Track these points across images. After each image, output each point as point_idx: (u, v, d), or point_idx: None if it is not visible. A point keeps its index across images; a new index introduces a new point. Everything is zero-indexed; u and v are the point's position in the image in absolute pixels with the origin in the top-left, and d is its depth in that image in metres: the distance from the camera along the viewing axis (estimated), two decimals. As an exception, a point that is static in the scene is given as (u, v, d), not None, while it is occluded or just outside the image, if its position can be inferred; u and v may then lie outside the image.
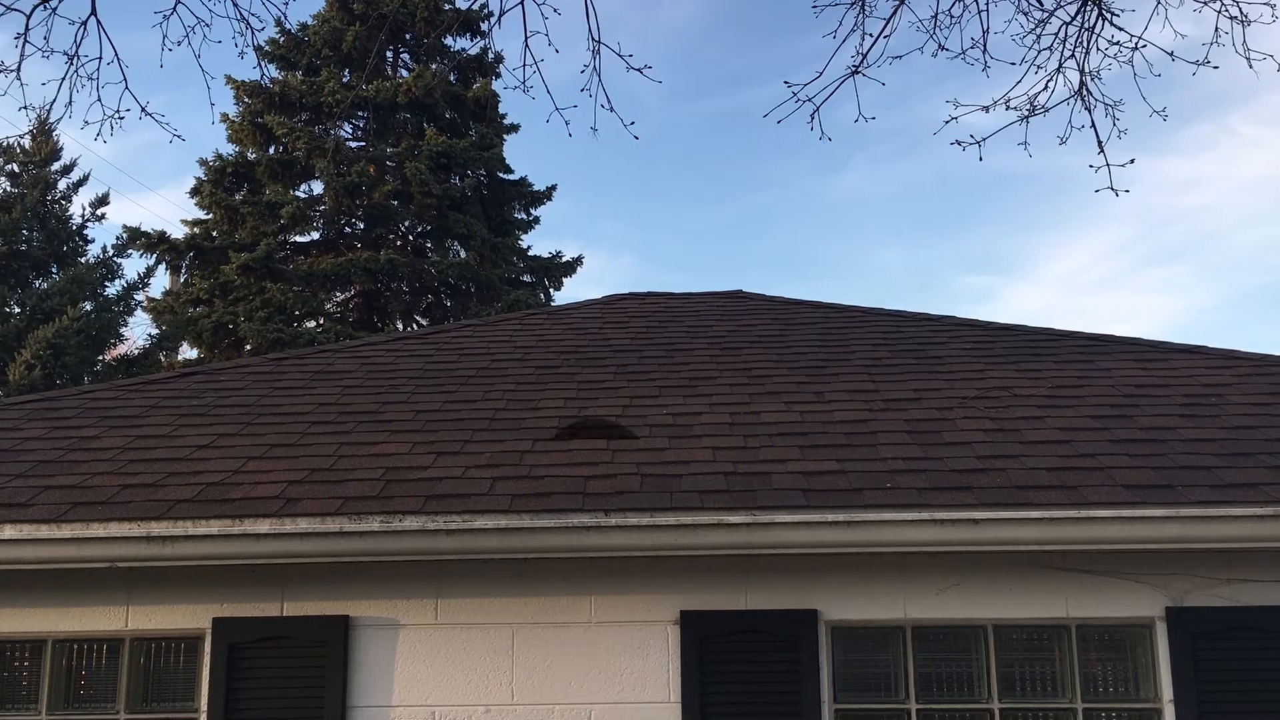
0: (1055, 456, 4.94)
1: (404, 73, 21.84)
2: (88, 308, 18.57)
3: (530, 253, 22.22)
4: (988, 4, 6.62)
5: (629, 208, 48.06)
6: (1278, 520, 4.35)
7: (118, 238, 20.00)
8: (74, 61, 5.84)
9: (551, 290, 22.15)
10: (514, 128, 22.08)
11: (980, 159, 6.60)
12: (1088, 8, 6.02)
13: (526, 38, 4.86)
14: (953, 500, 4.47)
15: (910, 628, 4.70)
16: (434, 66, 21.26)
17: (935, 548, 4.46)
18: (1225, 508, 4.39)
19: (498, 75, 21.40)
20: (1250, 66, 6.57)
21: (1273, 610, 4.62)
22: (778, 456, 5.00)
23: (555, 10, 5.54)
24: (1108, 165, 6.48)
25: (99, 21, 5.73)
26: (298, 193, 20.98)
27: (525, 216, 22.37)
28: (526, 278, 21.87)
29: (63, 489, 4.83)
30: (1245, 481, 4.62)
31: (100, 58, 5.72)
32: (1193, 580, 4.66)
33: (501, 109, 21.89)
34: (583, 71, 5.04)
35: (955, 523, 4.38)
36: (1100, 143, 6.42)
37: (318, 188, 21.06)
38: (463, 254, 21.33)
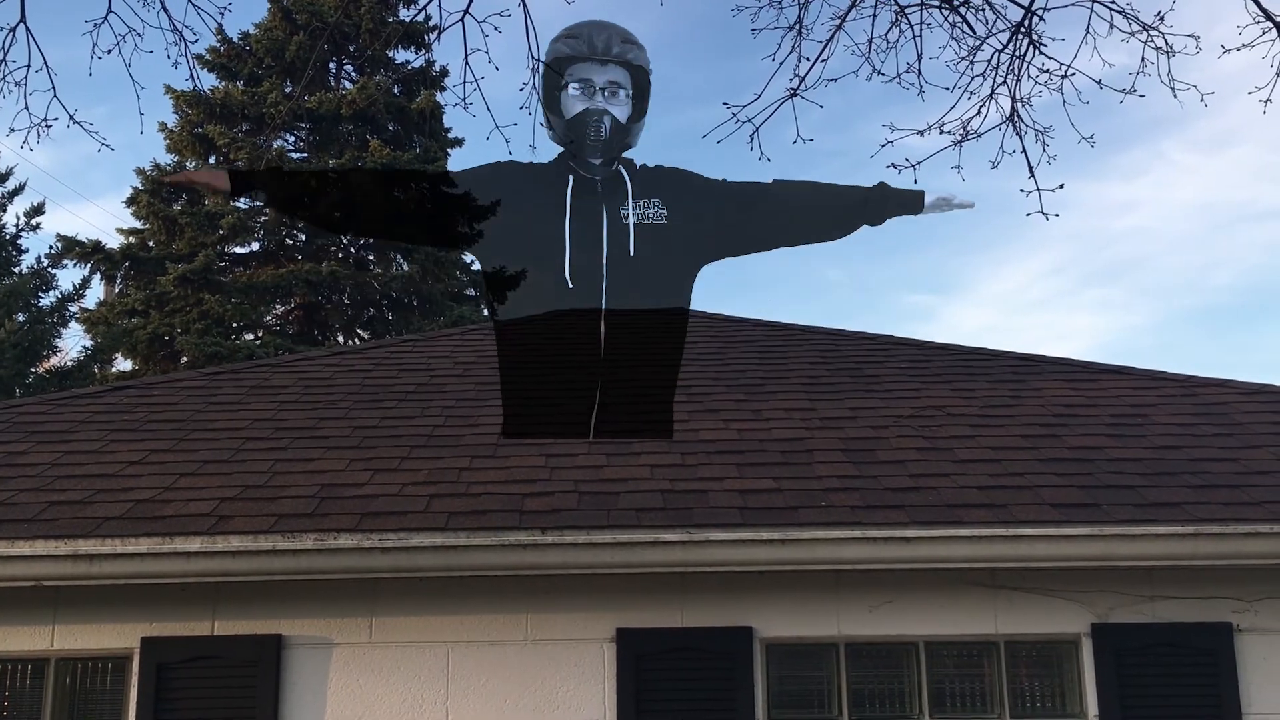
0: (986, 475, 5.03)
1: (347, 84, 21.70)
2: (21, 319, 18.16)
3: (474, 266, 22.15)
4: (922, 30, 6.76)
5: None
6: (1198, 539, 4.47)
7: (51, 247, 19.60)
8: (1, 67, 5.73)
9: (496, 304, 22.05)
10: (458, 141, 22.01)
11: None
12: (1019, 36, 6.16)
13: (466, 55, 4.86)
14: (886, 519, 4.54)
15: (844, 644, 4.76)
16: (377, 78, 21.14)
17: (868, 565, 4.52)
18: (1148, 526, 4.50)
19: (442, 88, 21.35)
20: (1175, 96, 6.76)
21: (1193, 627, 4.75)
22: (715, 474, 5.04)
23: (496, 29, 5.54)
24: (1038, 190, 6.63)
25: (28, 29, 5.64)
26: (238, 203, 20.72)
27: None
28: (470, 292, 21.78)
29: (-13, 506, 4.73)
30: (1168, 501, 4.74)
31: (29, 65, 5.61)
32: (1117, 597, 4.77)
33: (446, 122, 21.82)
34: (521, 89, 5.05)
35: (888, 540, 4.45)
36: (1031, 168, 6.56)
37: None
38: (405, 267, 21.19)
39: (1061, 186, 6.70)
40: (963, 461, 5.22)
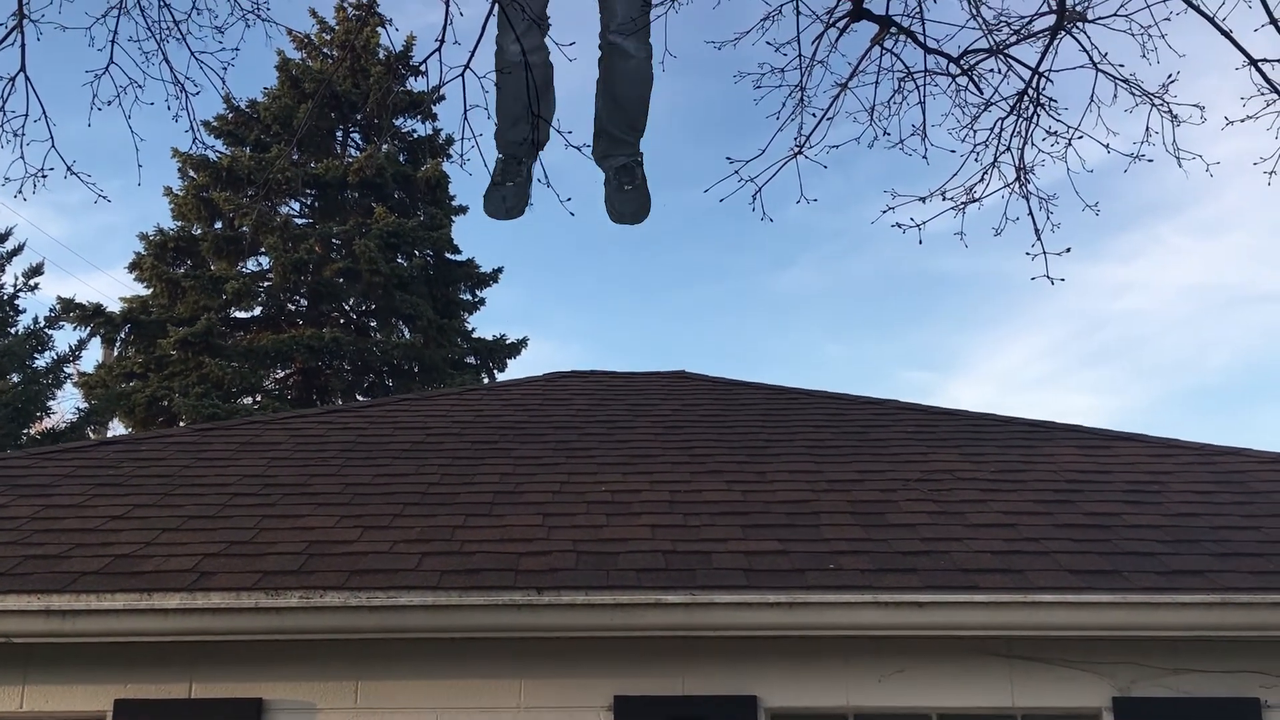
0: (1000, 540, 4.84)
1: (354, 152, 21.84)
2: (15, 379, 18.03)
3: (475, 334, 22.08)
4: (925, 96, 6.69)
5: (582, 300, 48.06)
6: (1225, 608, 4.27)
7: (51, 309, 19.56)
8: None
9: (496, 373, 21.98)
10: (463, 209, 22.10)
11: (920, 242, 6.59)
12: (1025, 98, 6.10)
13: (465, 111, 4.76)
14: (897, 583, 4.35)
15: (853, 715, 4.52)
16: (384, 147, 21.28)
17: (879, 631, 4.32)
18: (1172, 594, 4.31)
19: (448, 157, 21.47)
20: (1180, 165, 6.67)
21: (1219, 702, 4.51)
22: (718, 536, 4.86)
23: (496, 85, 5.46)
24: (1045, 253, 6.52)
25: (28, 78, 5.58)
26: (242, 268, 20.74)
27: (471, 298, 22.27)
28: (471, 359, 21.68)
29: (-40, 559, 4.54)
30: (1191, 569, 4.55)
31: (27, 114, 5.54)
32: (1140, 670, 4.55)
33: (451, 189, 21.94)
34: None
35: (900, 605, 4.25)
36: (1037, 230, 6.46)
37: (262, 263, 20.85)
38: (407, 334, 21.13)
39: (1069, 250, 6.59)
40: (975, 526, 5.03)
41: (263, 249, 20.10)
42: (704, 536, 4.85)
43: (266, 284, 20.51)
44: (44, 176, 5.72)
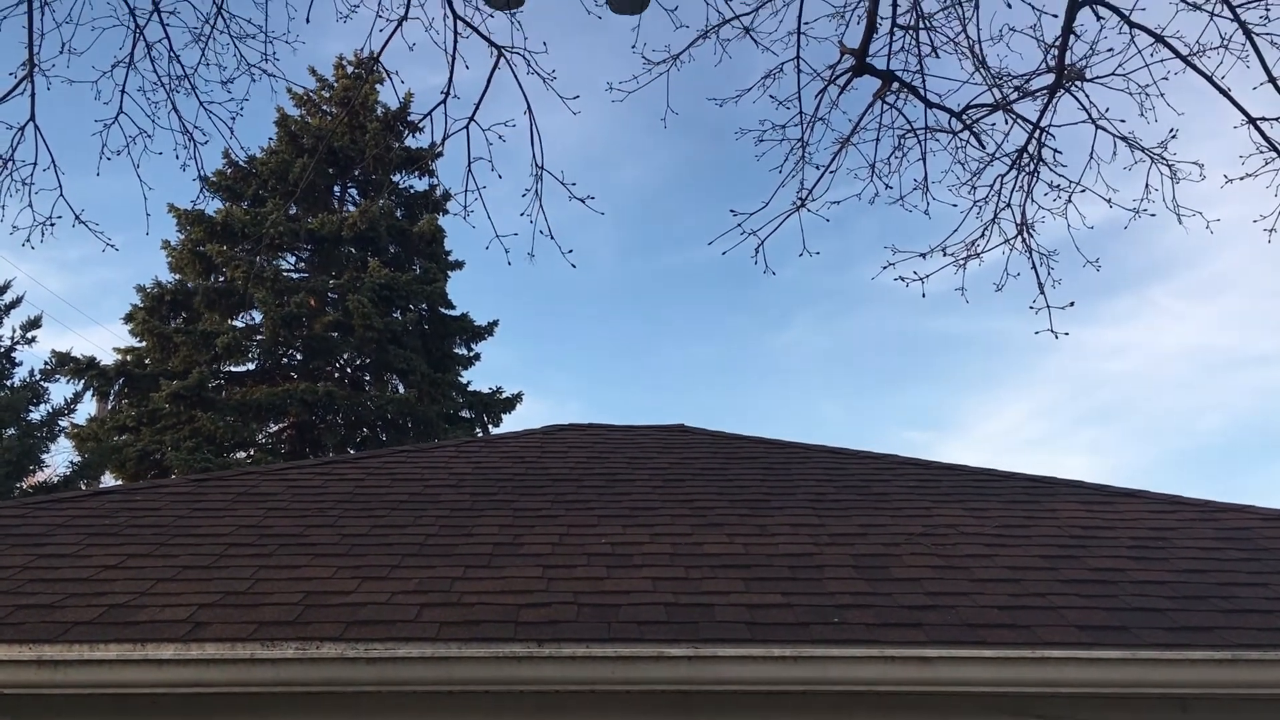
0: (1006, 595, 4.78)
1: (350, 207, 21.95)
2: (11, 432, 17.92)
3: (470, 388, 22.03)
4: (925, 153, 6.76)
5: (578, 360, 48.20)
6: (1236, 665, 4.21)
7: (46, 362, 19.51)
8: (8, 166, 5.71)
9: (490, 427, 21.91)
10: (459, 264, 22.18)
11: (923, 295, 6.63)
12: (1026, 152, 6.16)
13: (470, 163, 4.80)
14: (903, 637, 4.28)
15: (858, 775, 4.43)
16: (380, 202, 21.41)
17: (885, 686, 4.24)
18: (1182, 650, 4.25)
19: (445, 211, 21.60)
20: (1180, 221, 6.74)
21: (1231, 761, 4.43)
22: (720, 588, 4.79)
23: (500, 137, 5.52)
24: (1049, 307, 6.56)
25: (37, 127, 5.63)
26: (235, 322, 20.73)
27: (466, 352, 22.27)
28: (465, 413, 21.62)
29: (-50, 607, 4.46)
30: (1200, 625, 4.49)
31: (35, 163, 5.59)
32: (1149, 728, 4.47)
33: (446, 245, 22.02)
34: (524, 195, 4.99)
35: (906, 660, 4.18)
36: (1040, 283, 6.52)
37: (255, 317, 20.85)
38: (401, 388, 21.08)
39: (1072, 304, 6.63)
40: (980, 580, 4.98)
41: (256, 304, 20.12)
42: (706, 589, 4.79)
43: (259, 338, 20.49)
44: (52, 225, 5.76)
